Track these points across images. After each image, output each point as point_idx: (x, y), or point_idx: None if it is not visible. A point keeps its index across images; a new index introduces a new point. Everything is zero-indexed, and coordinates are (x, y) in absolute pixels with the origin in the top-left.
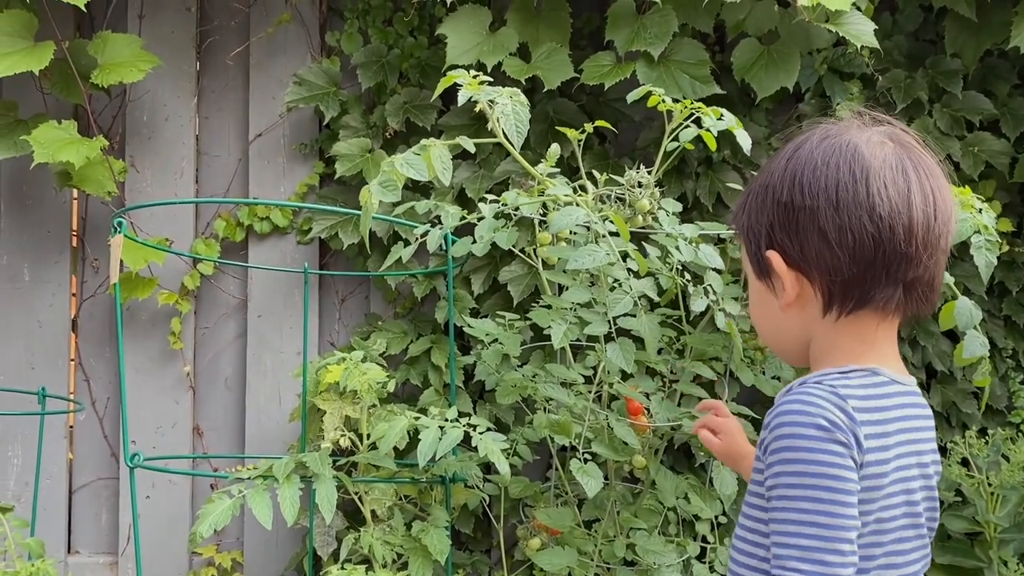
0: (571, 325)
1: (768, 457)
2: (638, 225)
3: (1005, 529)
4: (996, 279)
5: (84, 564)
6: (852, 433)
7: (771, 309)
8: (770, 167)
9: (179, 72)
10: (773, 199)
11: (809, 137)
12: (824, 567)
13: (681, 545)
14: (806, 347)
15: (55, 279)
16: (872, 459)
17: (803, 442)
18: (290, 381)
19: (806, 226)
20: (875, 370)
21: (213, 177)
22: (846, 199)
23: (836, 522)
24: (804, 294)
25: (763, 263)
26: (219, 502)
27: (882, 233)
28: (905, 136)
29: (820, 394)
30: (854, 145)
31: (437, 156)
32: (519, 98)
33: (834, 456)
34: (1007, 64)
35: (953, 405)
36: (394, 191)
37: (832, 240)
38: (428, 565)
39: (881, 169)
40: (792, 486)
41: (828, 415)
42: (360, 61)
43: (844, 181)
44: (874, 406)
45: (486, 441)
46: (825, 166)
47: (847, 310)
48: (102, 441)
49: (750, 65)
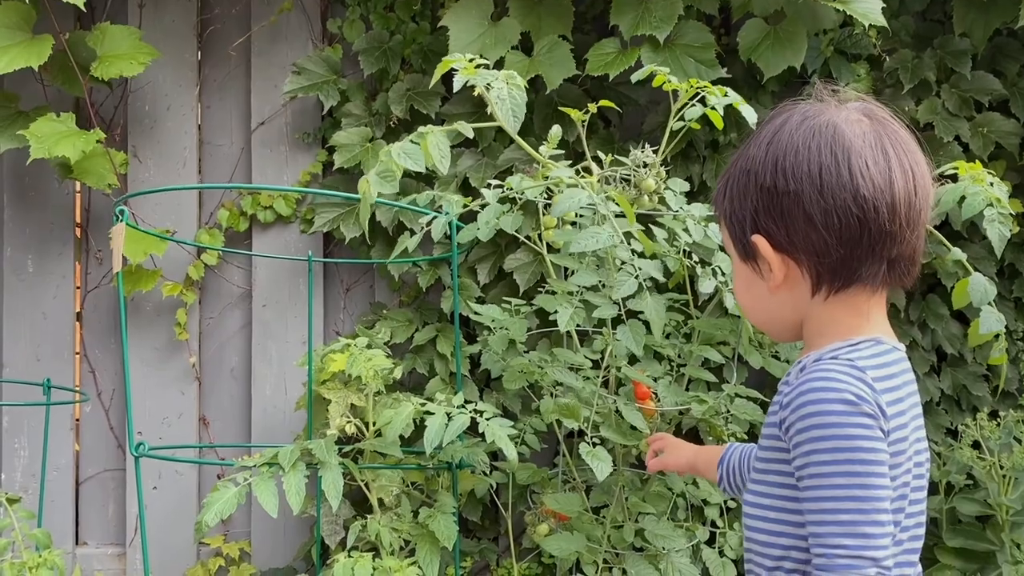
0: (577, 308)
1: (795, 437)
2: (644, 206)
3: (1017, 512)
4: (1006, 260)
5: (92, 555)
6: (876, 403)
7: (758, 291)
8: (749, 151)
9: (180, 61)
10: (756, 184)
11: (788, 119)
12: (867, 539)
13: (690, 530)
14: (797, 325)
15: (59, 271)
16: (894, 425)
17: (832, 418)
18: (296, 371)
19: (791, 210)
20: (878, 339)
21: (216, 166)
22: (830, 182)
23: (873, 494)
24: (791, 276)
25: (748, 247)
26: (224, 491)
27: (867, 214)
28: (879, 111)
29: (841, 369)
30: (833, 125)
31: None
32: (515, 81)
33: (864, 429)
34: (1017, 43)
35: (963, 388)
36: (392, 181)
37: (818, 223)
38: (436, 551)
39: (862, 149)
40: (826, 463)
41: (853, 389)
42: (362, 47)
43: (827, 164)
44: (886, 374)
45: (493, 427)
46: (807, 149)
47: (835, 289)
48: (108, 433)
49: (756, 45)
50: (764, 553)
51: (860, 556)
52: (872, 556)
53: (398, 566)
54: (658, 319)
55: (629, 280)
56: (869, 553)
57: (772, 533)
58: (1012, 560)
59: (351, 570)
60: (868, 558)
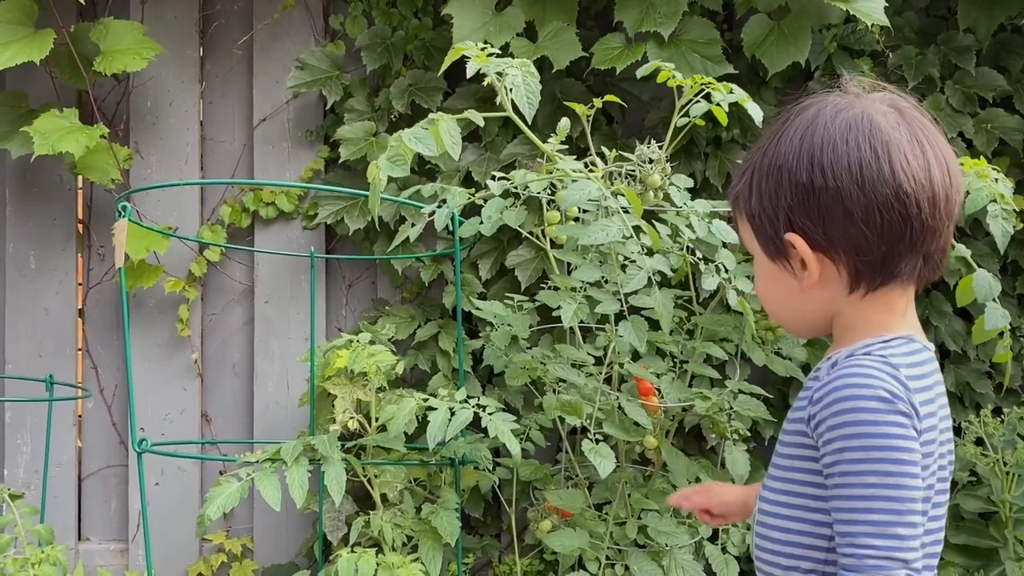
0: (581, 304)
1: (826, 434)
2: (649, 202)
3: (1021, 508)
4: (1009, 258)
5: (95, 551)
6: (910, 402)
7: (788, 289)
8: (779, 147)
9: (183, 57)
10: (791, 181)
11: (820, 112)
12: (898, 540)
13: (693, 527)
14: (826, 322)
15: (61, 267)
16: (927, 425)
17: (866, 415)
18: (298, 367)
19: (830, 208)
20: (910, 337)
21: (218, 163)
22: (871, 177)
23: (906, 494)
24: (826, 273)
25: (780, 245)
26: (227, 485)
27: (909, 209)
28: (903, 102)
29: (875, 365)
30: (869, 118)
31: (446, 130)
32: (529, 69)
33: (899, 428)
34: (1021, 39)
35: (967, 385)
36: (403, 166)
37: (859, 220)
38: (438, 547)
39: (900, 143)
40: (858, 461)
41: (887, 386)
42: (364, 43)
43: (867, 159)
44: (918, 373)
45: (496, 421)
46: (845, 144)
47: (875, 286)
48: (111, 429)
49: (760, 41)
50: (780, 552)
51: (890, 557)
52: (903, 558)
53: (401, 562)
54: (666, 313)
55: (639, 274)
56: (900, 555)
57: (791, 532)
58: (1015, 557)
59: (355, 566)
60: (899, 559)
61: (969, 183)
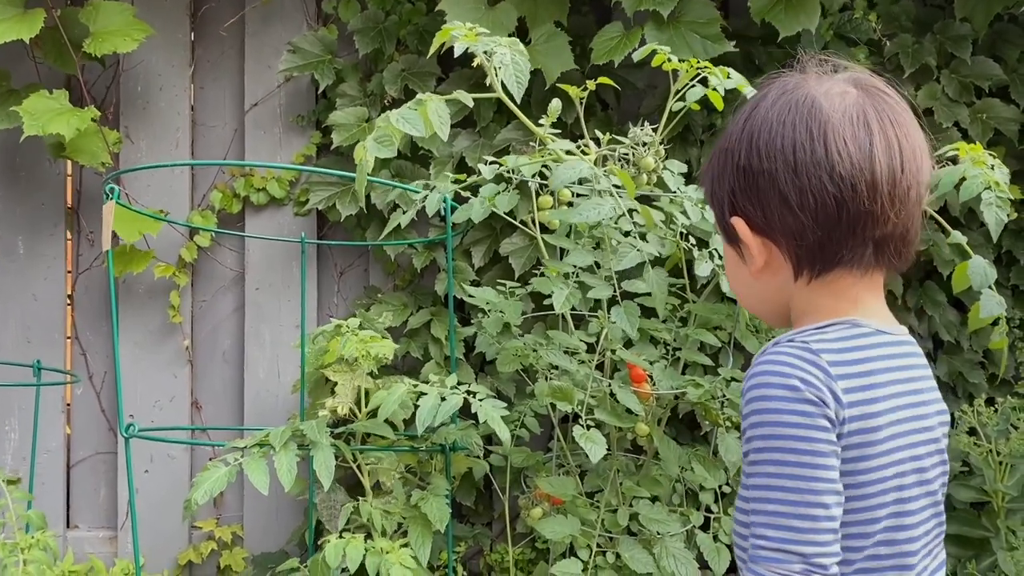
0: (573, 290)
1: (743, 423)
2: (643, 185)
3: (1014, 498)
4: (1004, 248)
5: (83, 538)
6: (827, 388)
7: (744, 275)
8: (729, 128)
9: (173, 41)
10: (733, 163)
11: (767, 94)
12: (794, 532)
13: (685, 515)
14: (786, 309)
15: (50, 252)
16: (856, 413)
17: (771, 403)
18: (290, 354)
19: (767, 191)
20: (855, 321)
21: (209, 148)
22: (804, 160)
23: (806, 486)
24: (773, 259)
25: (730, 229)
26: (214, 470)
27: (844, 193)
28: (870, 80)
29: (791, 352)
30: (811, 99)
31: (434, 110)
32: (518, 48)
33: (802, 416)
34: (1017, 29)
35: (960, 375)
36: (390, 147)
37: (794, 204)
38: (428, 533)
39: (841, 123)
40: (759, 450)
41: (800, 374)
42: (357, 27)
43: (801, 141)
44: (854, 358)
45: (486, 408)
46: (781, 125)
47: (816, 273)
48: (100, 416)
49: (770, 7)
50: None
51: (783, 550)
52: (798, 551)
53: (391, 547)
54: (660, 293)
55: (631, 252)
56: (793, 547)
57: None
58: (1007, 547)
59: (342, 551)
60: (793, 552)
61: (964, 170)
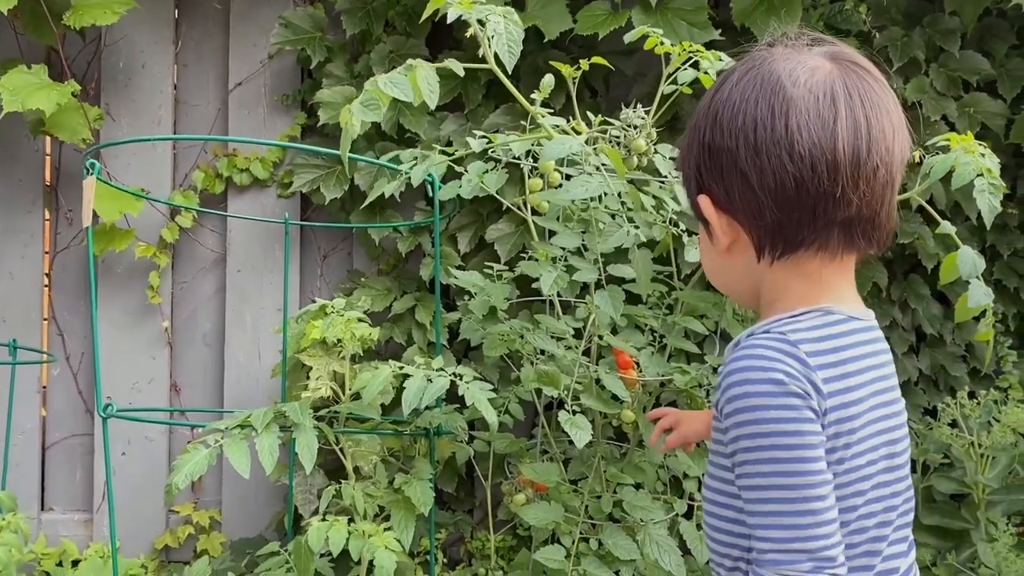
0: (560, 273)
1: (725, 421)
2: (632, 167)
3: (994, 490)
4: (988, 243)
5: (58, 521)
6: (808, 380)
7: (715, 255)
8: (700, 104)
9: (157, 18)
10: (699, 140)
11: (735, 68)
12: (798, 530)
13: (668, 502)
14: (756, 291)
15: (27, 229)
16: (836, 403)
17: (756, 400)
18: (270, 337)
19: (729, 169)
20: (828, 309)
21: (191, 126)
22: (764, 138)
23: (803, 481)
24: (739, 239)
25: (697, 207)
26: (194, 452)
27: (803, 173)
28: (850, 55)
29: (770, 345)
30: (776, 76)
31: (424, 77)
32: (513, 17)
33: (790, 411)
34: (1006, 24)
35: (942, 368)
36: (376, 111)
37: (753, 183)
38: (411, 517)
39: (804, 101)
40: (751, 450)
41: (781, 367)
42: (345, 7)
43: (762, 118)
44: (831, 347)
45: (473, 390)
46: (744, 102)
47: (777, 254)
48: (76, 397)
49: (751, 10)
50: (713, 538)
51: (791, 549)
52: (806, 548)
53: (375, 530)
54: (645, 274)
55: (619, 231)
56: (800, 545)
57: (720, 518)
58: (987, 538)
59: (325, 534)
60: (801, 550)
61: (956, 158)
